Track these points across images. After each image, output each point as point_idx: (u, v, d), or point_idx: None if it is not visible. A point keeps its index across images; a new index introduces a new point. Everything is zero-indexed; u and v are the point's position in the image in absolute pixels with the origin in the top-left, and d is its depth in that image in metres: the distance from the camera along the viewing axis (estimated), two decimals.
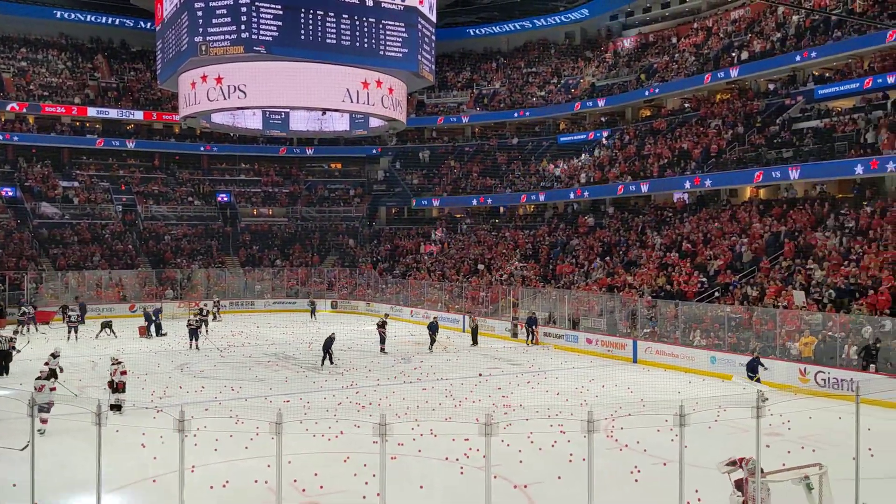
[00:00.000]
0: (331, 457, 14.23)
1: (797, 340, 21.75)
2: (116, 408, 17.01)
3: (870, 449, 13.29)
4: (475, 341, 30.31)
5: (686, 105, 42.28)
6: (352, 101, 24.78)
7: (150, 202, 50.31)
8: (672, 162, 36.55)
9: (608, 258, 34.83)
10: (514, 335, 31.65)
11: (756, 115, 35.63)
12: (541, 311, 31.30)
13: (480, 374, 23.18)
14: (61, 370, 19.43)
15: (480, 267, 40.63)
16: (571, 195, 42.30)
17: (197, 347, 28.47)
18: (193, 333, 28.84)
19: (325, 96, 24.49)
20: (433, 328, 29.33)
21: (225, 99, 24.32)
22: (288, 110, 27.29)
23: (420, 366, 24.86)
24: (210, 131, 42.81)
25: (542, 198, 44.24)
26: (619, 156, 40.98)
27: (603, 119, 47.64)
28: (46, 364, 18.83)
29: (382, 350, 27.86)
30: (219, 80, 24.11)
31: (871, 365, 19.63)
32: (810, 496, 9.76)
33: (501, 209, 49.01)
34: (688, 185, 35.44)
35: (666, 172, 36.17)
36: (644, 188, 37.52)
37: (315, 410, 14.51)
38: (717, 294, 27.11)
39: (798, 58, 34.70)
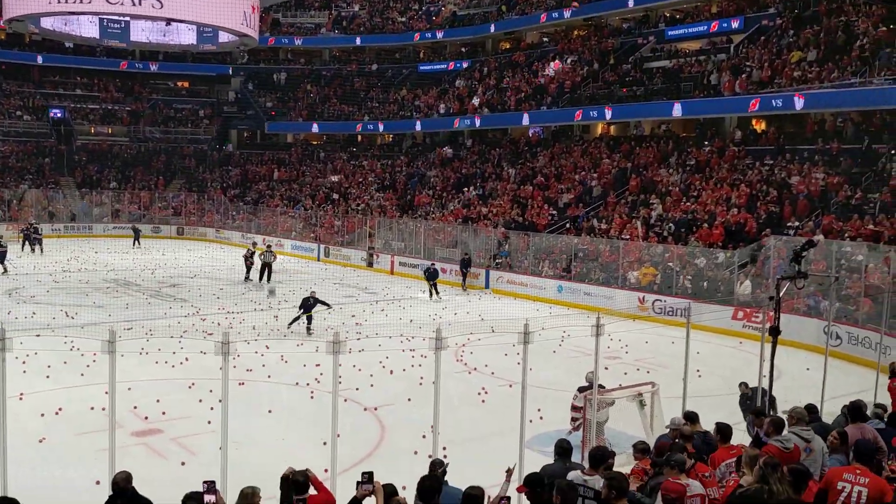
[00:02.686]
0: (175, 383, 13.68)
1: (637, 270, 22.98)
2: None
3: (698, 370, 14.27)
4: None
5: (545, 39, 42.73)
6: (246, 26, 23.41)
7: None
8: (529, 96, 37.02)
9: (466, 189, 35.14)
10: (370, 265, 31.53)
11: (610, 53, 36.55)
12: (397, 241, 31.28)
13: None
14: None
15: (336, 196, 39.98)
16: (413, 127, 42.62)
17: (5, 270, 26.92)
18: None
19: (230, 16, 22.92)
20: (433, 275, 25.15)
21: (135, 6, 22.12)
22: (129, 18, 25.07)
23: (277, 294, 24.31)
24: (41, 40, 39.05)
25: (381, 127, 44.12)
26: (478, 87, 41.06)
27: (464, 49, 47.39)
28: None
29: (247, 278, 26.98)
30: None
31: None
32: (642, 412, 10.43)
33: (360, 138, 48.19)
34: (527, 119, 36.21)
35: (522, 106, 36.63)
36: (477, 123, 38.12)
37: (158, 337, 13.82)
38: (567, 226, 28.07)
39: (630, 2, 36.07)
